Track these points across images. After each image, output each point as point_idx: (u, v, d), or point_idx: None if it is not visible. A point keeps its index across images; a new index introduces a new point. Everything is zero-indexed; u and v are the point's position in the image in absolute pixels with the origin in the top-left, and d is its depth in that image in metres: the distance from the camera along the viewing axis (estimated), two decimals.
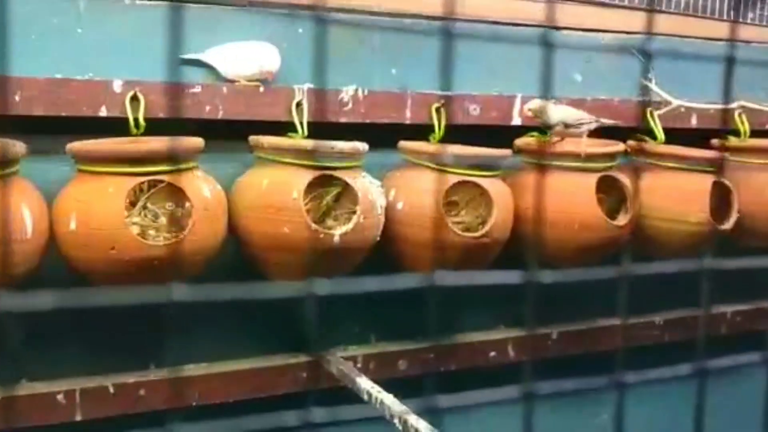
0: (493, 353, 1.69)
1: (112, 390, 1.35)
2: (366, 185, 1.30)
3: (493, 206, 1.39)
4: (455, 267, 1.42)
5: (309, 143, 1.28)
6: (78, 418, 1.34)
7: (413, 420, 1.11)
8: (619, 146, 1.54)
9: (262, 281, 1.35)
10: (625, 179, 1.54)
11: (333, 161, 1.28)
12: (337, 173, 1.28)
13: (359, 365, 1.54)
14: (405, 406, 1.17)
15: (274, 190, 1.25)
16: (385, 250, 1.42)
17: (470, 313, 1.73)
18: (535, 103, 1.45)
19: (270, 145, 1.28)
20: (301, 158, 1.27)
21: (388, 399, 1.19)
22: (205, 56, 1.37)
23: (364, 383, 1.27)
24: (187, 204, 1.17)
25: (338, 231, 1.25)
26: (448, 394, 1.58)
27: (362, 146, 1.31)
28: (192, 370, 1.45)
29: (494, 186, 1.42)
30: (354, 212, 1.29)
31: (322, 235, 1.24)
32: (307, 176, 1.25)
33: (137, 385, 1.37)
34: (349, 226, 1.26)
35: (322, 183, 1.35)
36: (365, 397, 1.25)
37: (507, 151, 1.46)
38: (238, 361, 1.47)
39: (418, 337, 1.66)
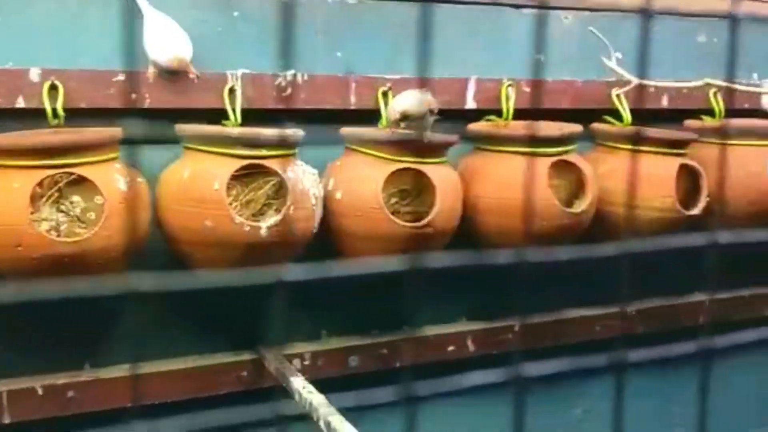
0: (451, 347, 1.62)
1: (40, 392, 1.30)
2: (298, 175, 1.23)
3: (437, 194, 1.32)
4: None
5: (232, 131, 1.22)
6: (6, 420, 1.29)
7: (336, 422, 1.04)
8: (574, 128, 1.46)
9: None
10: (582, 163, 1.47)
11: (261, 150, 1.21)
12: (265, 162, 1.21)
13: (307, 362, 1.48)
14: (332, 408, 1.10)
15: (195, 181, 1.18)
16: (325, 243, 1.36)
17: (431, 307, 1.67)
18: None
19: (193, 134, 1.22)
20: (225, 147, 1.20)
21: (317, 399, 1.13)
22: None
23: (297, 383, 1.21)
24: (100, 198, 1.11)
25: (265, 224, 1.18)
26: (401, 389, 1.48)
27: (294, 133, 1.25)
28: (128, 369, 1.39)
29: (439, 173, 1.35)
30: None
31: (247, 228, 1.17)
32: (232, 166, 1.18)
33: (67, 386, 1.32)
34: (277, 218, 1.19)
35: (263, 174, 1.29)
36: (296, 397, 1.19)
37: (453, 137, 1.38)
38: (176, 360, 1.41)
39: (374, 331, 1.59)
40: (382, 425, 1.64)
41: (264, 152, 1.21)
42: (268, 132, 1.20)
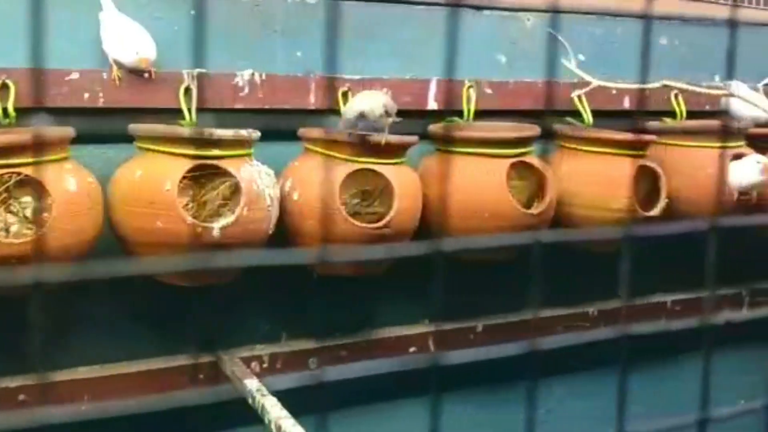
0: (413, 348, 1.61)
1: None
2: (252, 175, 1.22)
3: (395, 195, 1.31)
4: (362, 264, 1.34)
5: (184, 130, 1.20)
6: None
7: (288, 425, 1.03)
8: (533, 130, 1.46)
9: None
10: (541, 165, 1.47)
11: (214, 150, 1.20)
12: (218, 162, 1.20)
13: (266, 365, 1.47)
14: (285, 411, 1.09)
15: (146, 182, 1.17)
16: (283, 244, 1.35)
17: (393, 308, 1.66)
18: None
19: (144, 133, 1.20)
20: (178, 147, 1.19)
21: (269, 402, 1.12)
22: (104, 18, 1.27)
23: (251, 385, 1.19)
24: (49, 198, 1.09)
25: (217, 224, 1.17)
26: (368, 391, 1.47)
27: (249, 133, 1.23)
28: (84, 372, 1.37)
29: (398, 174, 1.35)
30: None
31: (199, 229, 1.16)
32: (184, 166, 1.17)
33: (18, 389, 1.29)
34: (230, 219, 1.18)
35: (221, 174, 1.28)
36: (250, 400, 1.18)
37: (411, 138, 1.38)
38: (131, 363, 1.39)
39: (336, 333, 1.59)
40: (348, 427, 1.64)
41: (217, 152, 1.20)
42: (222, 132, 1.19)
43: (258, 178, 1.22)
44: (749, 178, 1.62)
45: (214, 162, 1.19)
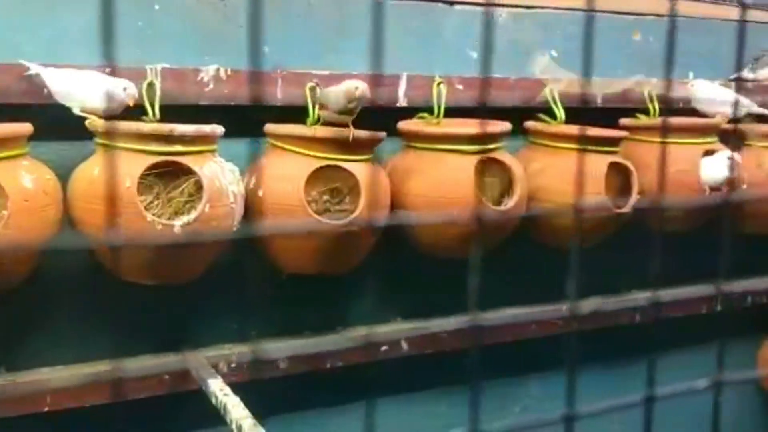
0: (385, 347, 1.60)
1: None
2: (216, 172, 1.20)
3: (362, 192, 1.30)
4: (324, 257, 1.33)
5: (144, 126, 1.18)
6: None
7: (248, 425, 1.02)
8: (502, 126, 1.45)
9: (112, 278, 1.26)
10: (511, 161, 1.46)
11: (176, 146, 1.18)
12: (180, 159, 1.17)
13: (234, 365, 1.44)
14: (246, 411, 1.07)
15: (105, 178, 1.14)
16: (249, 241, 1.33)
17: (365, 307, 1.64)
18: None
19: (105, 129, 1.18)
20: (138, 143, 1.16)
21: (231, 402, 1.10)
22: (45, 74, 1.20)
23: (215, 385, 1.17)
24: (4, 196, 1.07)
25: (179, 222, 1.15)
26: (335, 391, 1.45)
27: (211, 129, 1.21)
28: (46, 373, 1.35)
29: (365, 171, 1.33)
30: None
31: (160, 227, 1.14)
32: (144, 163, 1.15)
33: None
34: (191, 216, 1.16)
35: (186, 171, 1.25)
36: (213, 400, 1.16)
37: (379, 134, 1.36)
38: (96, 363, 1.37)
39: (306, 332, 1.57)
40: (316, 427, 1.62)
41: (179, 148, 1.18)
42: (183, 128, 1.17)
43: (221, 175, 1.20)
44: (720, 174, 1.62)
45: (176, 159, 1.17)
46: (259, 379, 1.49)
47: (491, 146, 1.43)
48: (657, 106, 1.77)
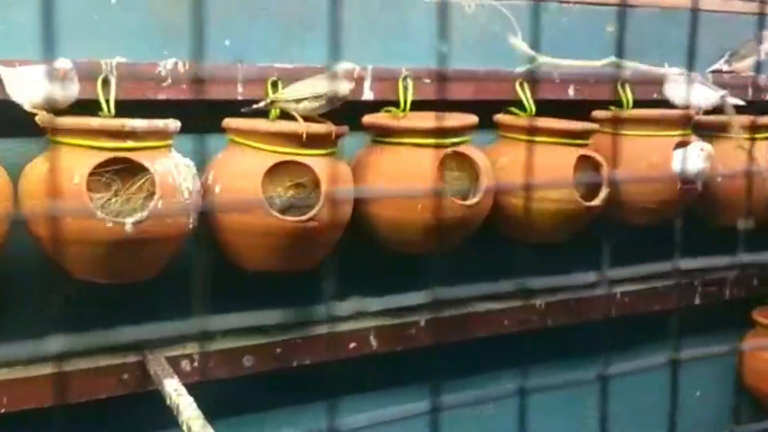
0: (353, 344, 1.57)
1: None
2: (169, 168, 1.18)
3: (321, 188, 1.27)
4: (284, 254, 1.30)
5: (93, 122, 1.15)
6: None
7: (197, 426, 0.99)
8: (467, 120, 1.42)
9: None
10: (477, 155, 1.43)
11: (127, 142, 1.15)
12: (131, 155, 1.15)
13: (196, 364, 1.42)
14: (198, 411, 1.05)
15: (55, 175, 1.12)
16: (207, 238, 1.31)
17: (333, 303, 1.62)
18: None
19: (54, 126, 1.15)
20: (88, 139, 1.14)
21: (184, 402, 1.08)
22: None
23: (170, 385, 1.15)
24: None
25: (130, 219, 1.13)
26: (299, 390, 1.42)
27: (164, 124, 1.19)
28: (3, 374, 1.32)
29: (326, 166, 1.30)
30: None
31: (110, 224, 1.11)
32: (94, 159, 1.12)
33: None
34: (144, 213, 1.13)
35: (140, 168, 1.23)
36: (167, 400, 1.13)
37: (339, 128, 1.34)
38: (49, 364, 1.34)
39: (273, 330, 1.54)
40: (283, 426, 1.60)
41: (131, 144, 1.15)
42: (133, 122, 1.15)
43: (175, 171, 1.18)
44: (693, 166, 1.60)
45: (127, 155, 1.15)
46: (223, 379, 1.47)
47: (456, 140, 1.41)
48: (629, 98, 1.75)
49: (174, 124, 1.21)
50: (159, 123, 1.18)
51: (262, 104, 1.38)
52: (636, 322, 1.84)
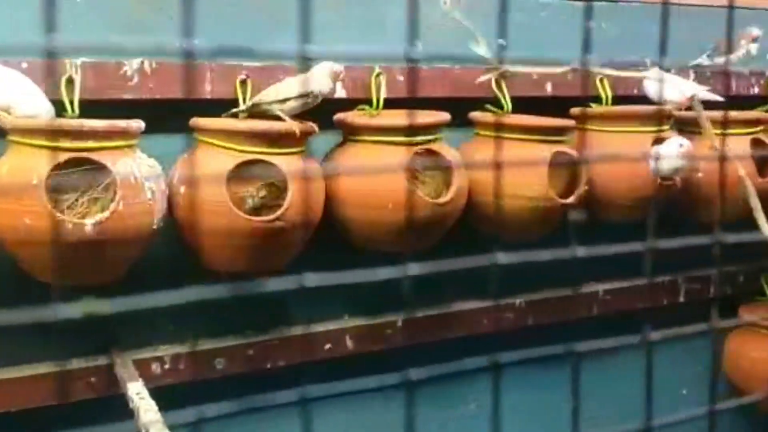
0: (328, 345, 1.56)
1: None
2: (132, 167, 1.16)
3: (288, 187, 1.26)
4: (251, 255, 1.29)
5: (55, 122, 1.14)
6: None
7: (154, 430, 0.98)
8: (438, 117, 1.41)
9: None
10: (449, 153, 1.42)
11: (88, 142, 1.14)
12: (91, 155, 1.14)
13: (167, 366, 1.41)
14: (158, 416, 1.04)
15: (14, 176, 1.11)
16: (173, 239, 1.29)
17: (311, 304, 1.60)
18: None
19: (14, 126, 1.14)
20: (48, 139, 1.12)
21: (144, 406, 1.06)
22: None
23: (133, 388, 1.14)
24: None
25: (90, 220, 1.11)
26: (273, 392, 1.39)
27: (126, 124, 1.18)
28: None
29: (294, 165, 1.29)
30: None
31: (70, 225, 1.10)
32: (53, 159, 1.11)
33: None
34: (104, 214, 1.12)
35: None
36: (130, 403, 1.12)
37: (309, 125, 1.32)
38: (21, 367, 1.33)
39: (248, 332, 1.53)
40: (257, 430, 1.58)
41: (92, 144, 1.14)
42: (93, 122, 1.13)
43: (137, 171, 1.16)
44: (671, 162, 1.58)
45: (88, 155, 1.13)
46: (195, 381, 1.46)
47: (428, 138, 1.39)
48: (609, 94, 1.73)
49: (137, 124, 1.20)
50: (120, 123, 1.16)
51: (243, 107, 1.37)
52: (619, 320, 1.82)
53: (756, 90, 2.02)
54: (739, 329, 1.99)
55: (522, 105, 1.63)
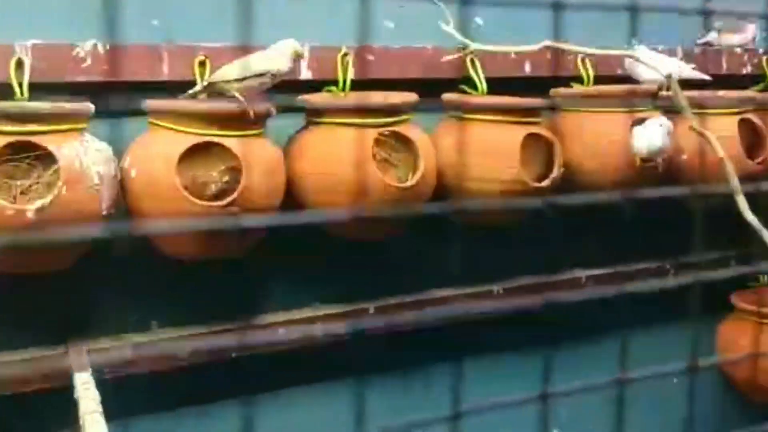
0: (297, 333, 1.52)
1: None
2: (78, 152, 1.13)
3: (243, 170, 1.22)
4: (204, 242, 1.25)
5: None
6: None
7: (90, 420, 0.95)
8: (404, 97, 1.36)
9: None
10: (415, 135, 1.37)
11: (32, 125, 1.10)
12: (34, 139, 1.10)
13: (128, 357, 1.38)
14: (97, 405, 1.00)
15: None
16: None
17: (281, 291, 1.57)
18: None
19: None
20: None
21: (86, 396, 1.03)
22: None
23: (80, 379, 1.11)
24: None
25: (32, 206, 1.08)
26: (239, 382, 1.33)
27: (72, 107, 1.14)
28: None
29: (250, 148, 1.25)
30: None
31: (11, 212, 1.06)
32: None
33: None
34: (47, 200, 1.08)
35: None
36: (75, 394, 1.09)
37: (265, 106, 1.28)
38: None
39: (214, 321, 1.49)
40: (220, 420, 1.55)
41: (35, 128, 1.10)
42: (36, 105, 1.10)
43: (83, 155, 1.13)
44: (653, 143, 1.52)
45: (31, 138, 1.10)
46: (157, 371, 1.42)
47: (395, 119, 1.34)
48: (590, 74, 1.67)
49: (84, 106, 1.16)
50: (65, 106, 1.13)
51: (198, 87, 1.33)
52: (605, 307, 1.77)
53: (749, 69, 1.96)
54: (730, 316, 1.93)
55: (500, 85, 1.58)
